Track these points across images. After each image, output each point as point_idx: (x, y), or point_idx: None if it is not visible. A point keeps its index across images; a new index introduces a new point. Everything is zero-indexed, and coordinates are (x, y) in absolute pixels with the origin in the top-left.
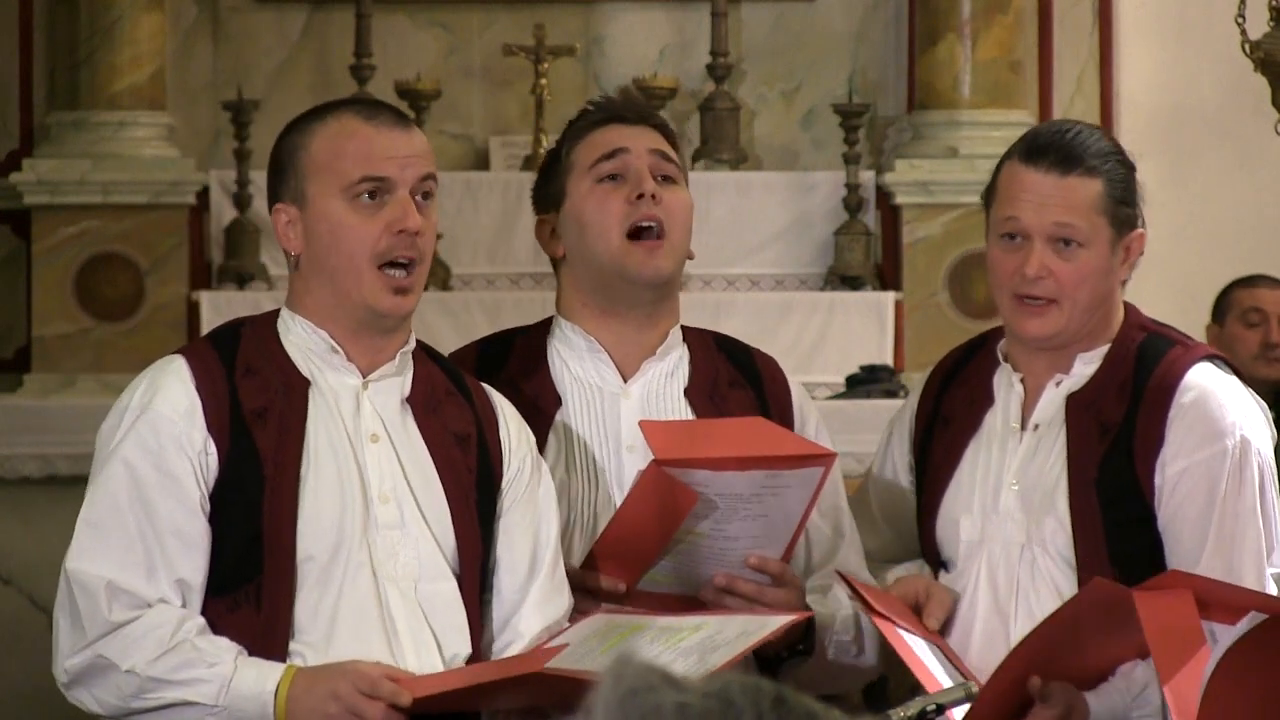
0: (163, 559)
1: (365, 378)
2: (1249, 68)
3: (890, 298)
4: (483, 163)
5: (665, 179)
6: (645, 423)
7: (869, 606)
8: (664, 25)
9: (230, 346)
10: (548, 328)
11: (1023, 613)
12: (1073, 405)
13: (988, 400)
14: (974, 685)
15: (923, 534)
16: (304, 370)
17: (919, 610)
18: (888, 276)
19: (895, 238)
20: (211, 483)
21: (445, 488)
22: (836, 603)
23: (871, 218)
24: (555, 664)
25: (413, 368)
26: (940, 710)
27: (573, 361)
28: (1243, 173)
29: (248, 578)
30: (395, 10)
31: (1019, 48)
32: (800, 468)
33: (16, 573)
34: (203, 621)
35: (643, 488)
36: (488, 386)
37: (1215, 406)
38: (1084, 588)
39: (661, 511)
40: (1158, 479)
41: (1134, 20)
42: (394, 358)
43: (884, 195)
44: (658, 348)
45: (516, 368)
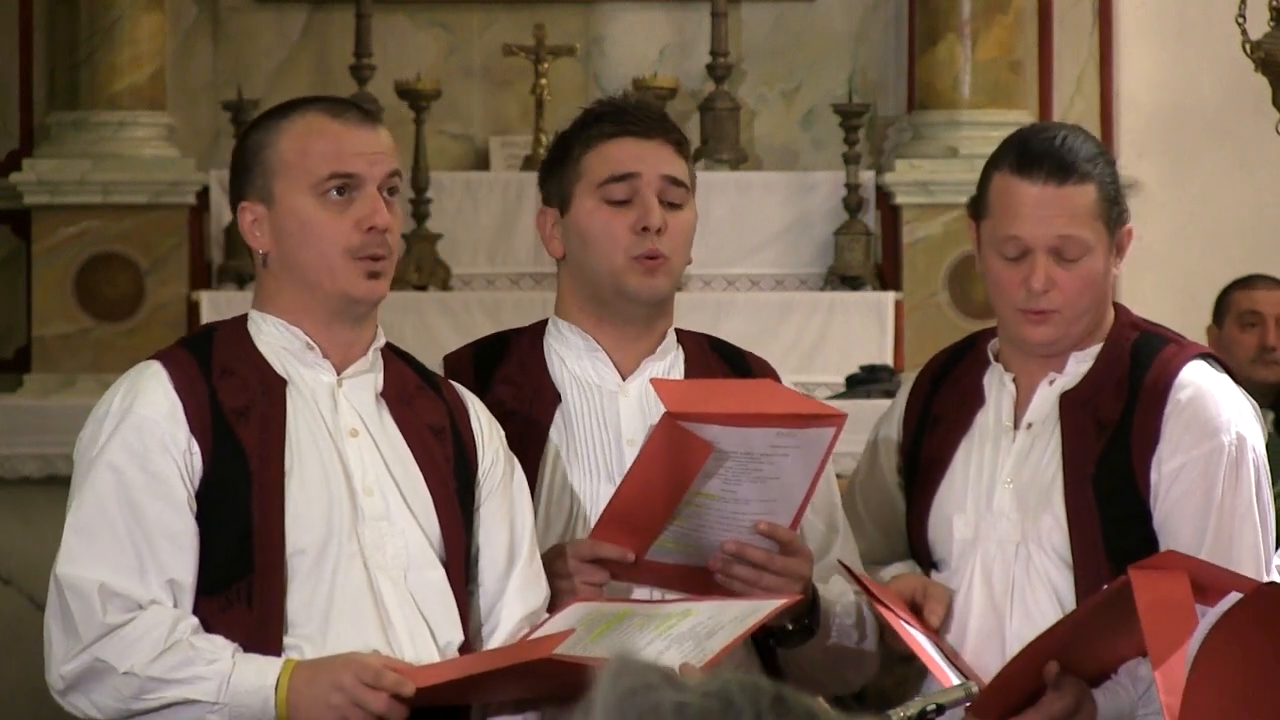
0: (153, 560)
1: (339, 375)
2: (1249, 68)
3: (890, 298)
4: (483, 163)
5: (672, 204)
6: (657, 380)
7: (873, 597)
8: (664, 25)
9: (205, 350)
10: (543, 328)
11: (1018, 611)
12: (1067, 403)
13: (979, 400)
14: (975, 685)
15: (913, 534)
16: (279, 370)
17: (916, 609)
18: (888, 276)
19: (895, 238)
20: (197, 482)
21: (426, 478)
22: (839, 589)
23: (871, 218)
24: (563, 650)
25: (383, 365)
26: (940, 710)
27: (571, 360)
28: (1243, 173)
29: (238, 576)
30: (395, 10)
31: (1019, 48)
32: (811, 427)
33: (16, 573)
34: (196, 621)
35: (655, 442)
36: (454, 383)
37: (1211, 404)
38: (1113, 583)
39: (674, 467)
40: (1153, 476)
41: (1134, 20)
42: (366, 353)
43: (884, 195)
44: (655, 348)
45: (515, 366)
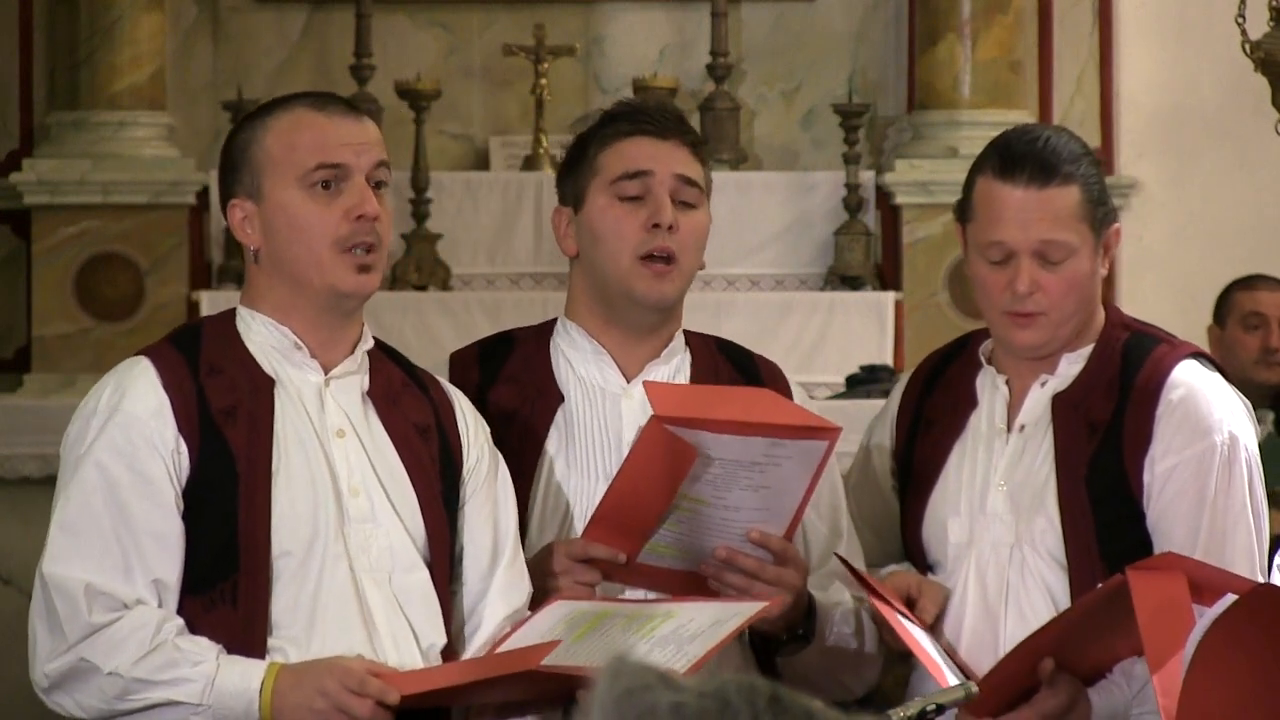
0: (139, 560)
1: (327, 375)
2: (1249, 68)
3: (890, 298)
4: (483, 163)
5: (685, 204)
6: (650, 383)
7: (870, 589)
8: (664, 25)
9: (193, 347)
10: (550, 328)
11: (1013, 613)
12: (1060, 405)
13: (971, 402)
14: (973, 685)
15: (907, 537)
16: (267, 369)
17: (910, 605)
18: (888, 276)
19: (895, 238)
20: (184, 481)
21: (411, 478)
22: (838, 596)
23: (871, 218)
24: (550, 661)
25: (369, 363)
26: (940, 710)
27: (576, 361)
28: (1243, 173)
29: (223, 576)
30: (395, 10)
31: (1019, 48)
32: (803, 439)
33: (16, 573)
34: (181, 622)
35: (642, 445)
36: (441, 379)
37: (1203, 403)
38: (1108, 582)
39: (662, 470)
40: (1146, 476)
41: (1134, 20)
42: (353, 352)
43: (884, 195)
44: (661, 351)
45: (519, 365)
